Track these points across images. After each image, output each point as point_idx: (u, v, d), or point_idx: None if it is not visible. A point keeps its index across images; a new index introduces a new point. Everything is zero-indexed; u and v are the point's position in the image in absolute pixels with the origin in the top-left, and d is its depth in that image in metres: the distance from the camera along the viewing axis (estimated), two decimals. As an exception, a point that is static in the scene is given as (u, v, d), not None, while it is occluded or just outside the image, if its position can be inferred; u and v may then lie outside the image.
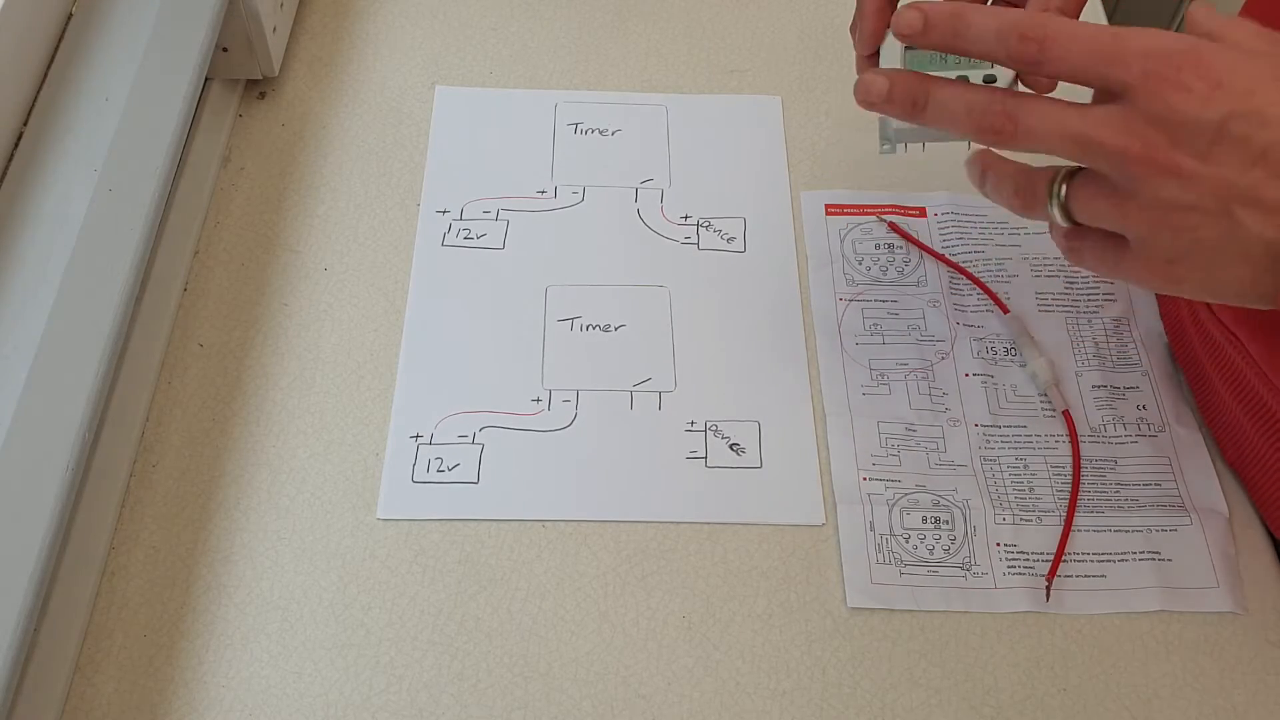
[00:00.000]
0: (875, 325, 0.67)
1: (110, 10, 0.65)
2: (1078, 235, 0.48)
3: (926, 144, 0.55)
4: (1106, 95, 0.43)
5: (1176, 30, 0.43)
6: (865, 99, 0.49)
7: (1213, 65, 0.40)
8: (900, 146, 0.55)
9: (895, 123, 0.53)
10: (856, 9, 0.53)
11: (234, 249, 0.69)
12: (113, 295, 0.55)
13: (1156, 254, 0.44)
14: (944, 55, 0.52)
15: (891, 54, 0.53)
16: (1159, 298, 0.68)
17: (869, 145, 0.76)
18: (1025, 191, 0.48)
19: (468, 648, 0.56)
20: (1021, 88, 0.50)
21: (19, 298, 0.53)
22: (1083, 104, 0.44)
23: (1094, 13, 0.83)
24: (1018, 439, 0.63)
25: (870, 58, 0.53)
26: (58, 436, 0.51)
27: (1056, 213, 0.47)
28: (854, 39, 0.54)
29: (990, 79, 0.51)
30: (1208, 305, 0.60)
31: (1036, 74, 0.45)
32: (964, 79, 0.48)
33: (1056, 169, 0.47)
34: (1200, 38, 0.42)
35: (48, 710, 0.52)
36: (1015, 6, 0.57)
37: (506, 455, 0.62)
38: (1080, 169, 0.46)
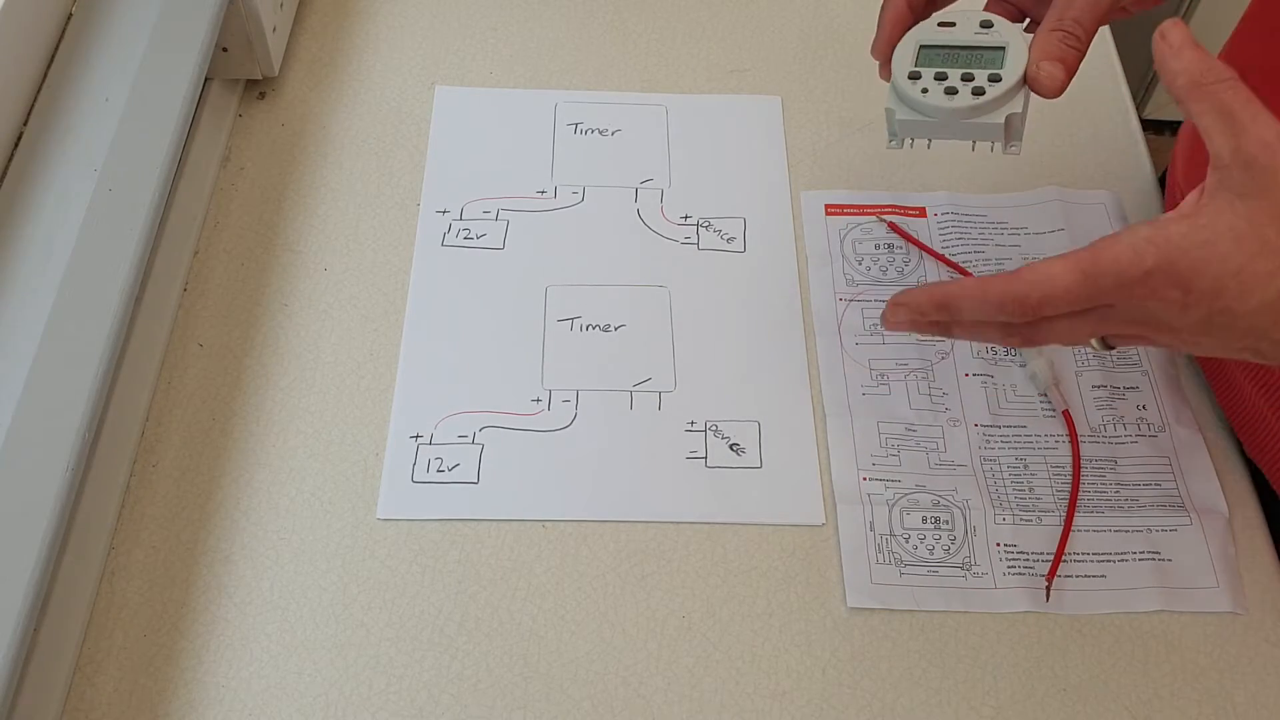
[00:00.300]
0: (875, 325, 0.67)
1: (110, 10, 0.65)
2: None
3: (932, 140, 0.56)
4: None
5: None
6: (890, 329, 0.54)
7: (1179, 277, 0.43)
8: (907, 141, 0.56)
9: (901, 116, 0.54)
10: (879, 19, 0.56)
11: (234, 249, 0.69)
12: (113, 295, 0.55)
13: (1201, 352, 0.49)
14: (955, 55, 0.53)
15: (905, 53, 0.54)
16: None
17: (869, 145, 0.76)
18: (1046, 333, 0.51)
19: (468, 648, 0.56)
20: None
21: (19, 298, 0.53)
22: (1084, 313, 0.47)
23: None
24: (1018, 439, 0.63)
25: (888, 59, 0.56)
26: (58, 436, 0.51)
27: (1098, 348, 0.50)
28: (872, 51, 0.57)
29: (996, 78, 0.52)
30: None
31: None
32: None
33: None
34: (1166, 224, 0.44)
35: (48, 710, 0.52)
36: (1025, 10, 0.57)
37: (506, 455, 0.62)
38: None
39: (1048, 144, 0.76)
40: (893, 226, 0.71)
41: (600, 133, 0.76)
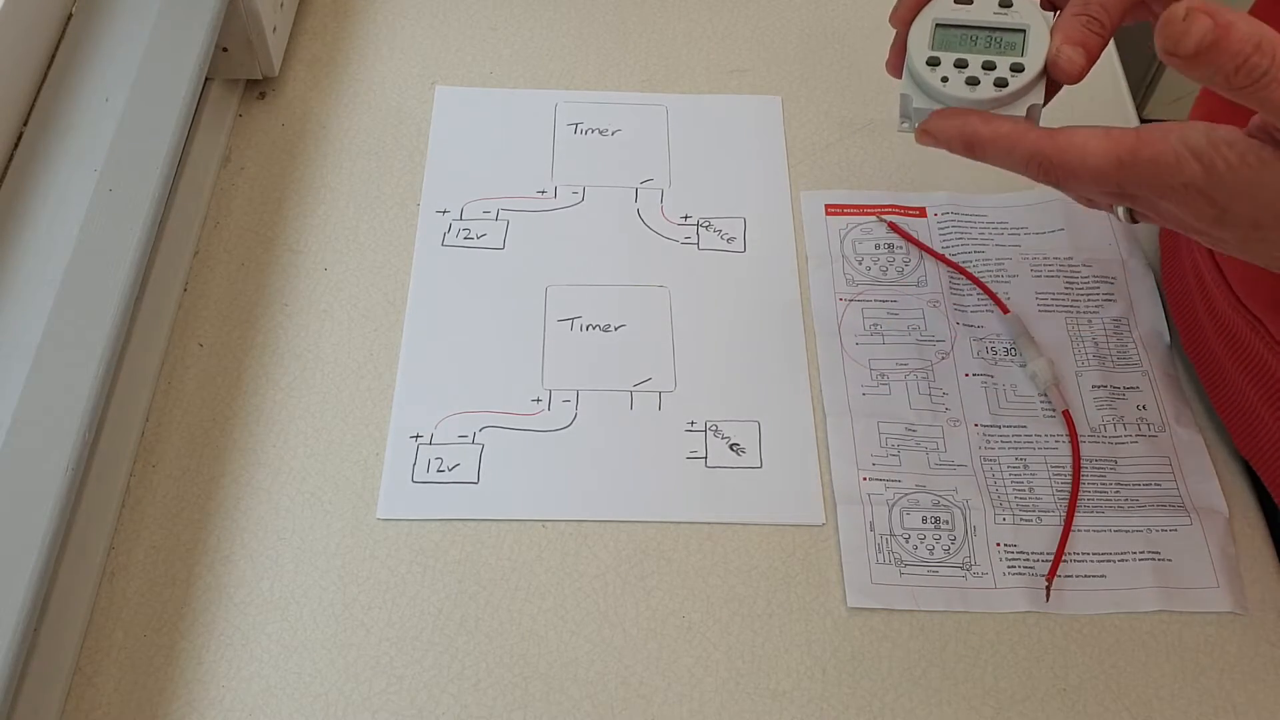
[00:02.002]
0: (875, 325, 0.67)
1: (110, 10, 0.65)
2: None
3: None
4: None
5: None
6: (922, 141, 0.52)
7: (1217, 200, 0.42)
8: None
9: (917, 101, 0.53)
10: None
11: (234, 249, 0.69)
12: (113, 295, 0.55)
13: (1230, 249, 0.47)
14: (973, 37, 0.52)
15: (921, 33, 0.52)
16: (1168, 287, 0.68)
17: (869, 145, 0.76)
18: (1073, 195, 0.50)
19: (468, 648, 0.56)
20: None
21: (19, 298, 0.53)
22: (1108, 190, 0.46)
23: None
24: (1018, 439, 0.63)
25: (903, 35, 0.53)
26: (58, 436, 0.51)
27: (1123, 217, 0.49)
28: (891, 18, 0.55)
29: (1018, 67, 0.51)
30: (1232, 295, 0.59)
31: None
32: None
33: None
34: (1216, 146, 0.42)
35: (48, 710, 0.52)
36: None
37: (506, 455, 0.62)
38: None
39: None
40: (893, 226, 0.71)
41: (600, 133, 0.76)
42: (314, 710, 0.54)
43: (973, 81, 0.51)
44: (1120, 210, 0.48)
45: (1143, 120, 0.80)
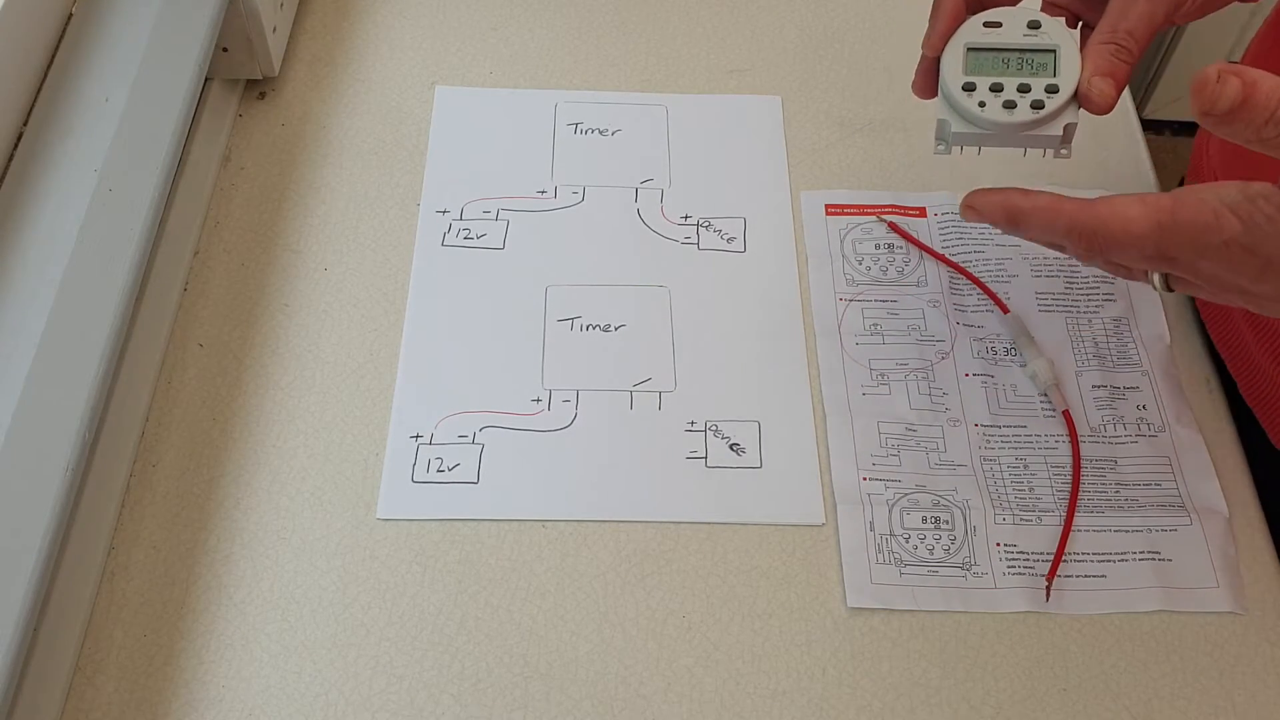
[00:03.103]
0: (875, 325, 0.67)
1: (110, 10, 0.65)
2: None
3: (982, 148, 0.55)
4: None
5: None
6: (969, 218, 0.53)
7: (1259, 252, 0.42)
8: (956, 149, 0.55)
9: (955, 126, 0.53)
10: (932, 13, 0.54)
11: (234, 249, 0.69)
12: (113, 295, 0.55)
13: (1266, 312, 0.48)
14: (1005, 60, 0.52)
15: (953, 58, 0.53)
16: None
17: (869, 145, 0.76)
18: (1111, 267, 0.51)
19: (468, 648, 0.56)
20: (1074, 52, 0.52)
21: (19, 298, 0.53)
22: (1149, 258, 0.46)
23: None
24: (1018, 439, 0.63)
25: (932, 60, 0.54)
26: (58, 436, 0.51)
27: (1159, 288, 0.49)
28: (924, 44, 0.55)
29: (1053, 88, 0.51)
30: None
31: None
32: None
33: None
34: (1255, 200, 0.43)
35: (48, 710, 0.52)
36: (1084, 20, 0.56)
37: (506, 455, 0.62)
38: None
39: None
40: (893, 226, 0.71)
41: (600, 133, 0.76)
42: (314, 710, 0.54)
43: (1010, 105, 0.51)
44: (1156, 278, 0.49)
45: (1143, 120, 0.80)
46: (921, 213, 0.72)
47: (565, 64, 0.80)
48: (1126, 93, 0.79)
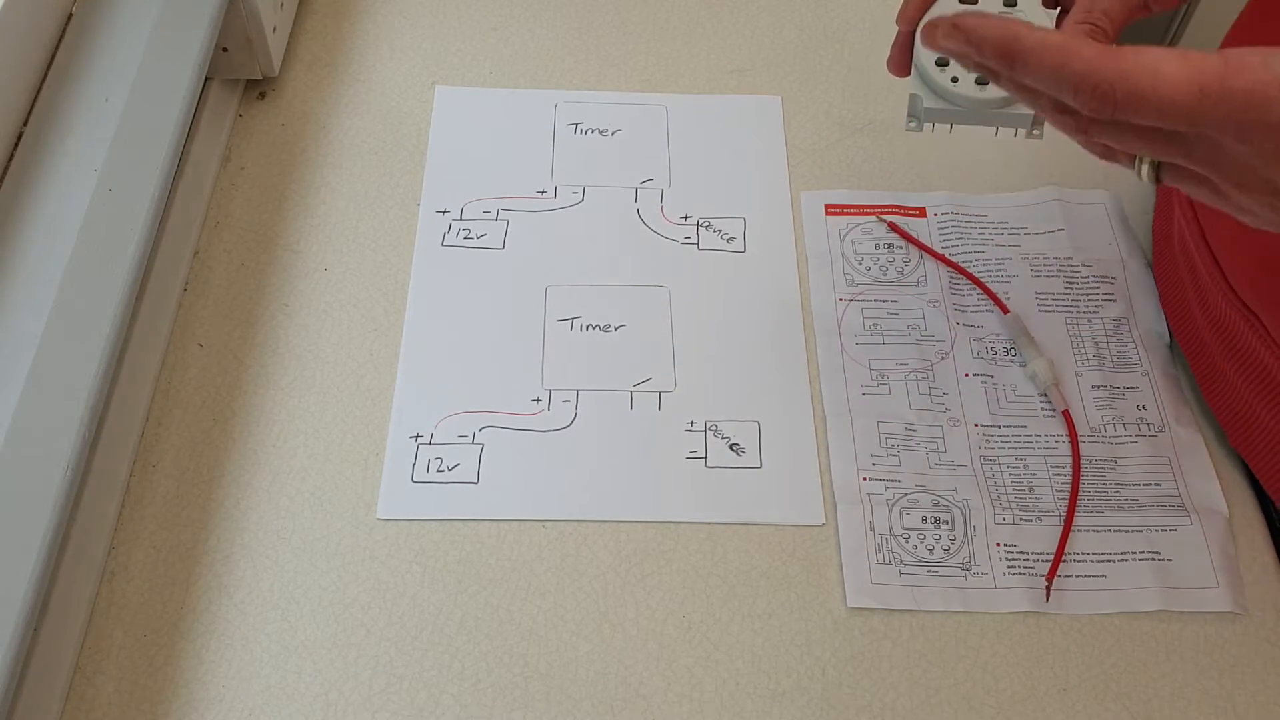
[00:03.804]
0: (875, 325, 0.67)
1: (110, 10, 0.65)
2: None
3: (955, 125, 0.54)
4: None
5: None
6: (928, 44, 0.43)
7: None
8: (928, 125, 0.54)
9: (927, 102, 0.53)
10: None
11: (234, 249, 0.69)
12: (113, 295, 0.55)
13: (1262, 220, 0.42)
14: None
15: None
16: (1160, 281, 0.68)
17: (869, 145, 0.76)
18: (1101, 149, 0.44)
19: (468, 648, 0.56)
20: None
21: (19, 298, 0.53)
22: (1168, 136, 0.39)
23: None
24: (1018, 439, 0.63)
25: (908, 34, 0.53)
26: (58, 436, 0.51)
27: (1147, 178, 0.43)
28: (899, 18, 0.53)
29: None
30: (1229, 290, 0.59)
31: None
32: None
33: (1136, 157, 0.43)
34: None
35: (48, 710, 0.52)
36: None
37: (506, 455, 0.62)
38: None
39: (1047, 144, 0.76)
40: (893, 226, 0.71)
41: (600, 133, 0.76)
42: (314, 710, 0.54)
43: (982, 81, 0.51)
44: (1144, 168, 0.42)
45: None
46: (921, 213, 0.72)
47: (565, 64, 0.80)
48: (1126, 93, 0.79)
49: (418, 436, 0.62)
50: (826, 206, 0.73)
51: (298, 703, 0.54)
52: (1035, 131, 0.54)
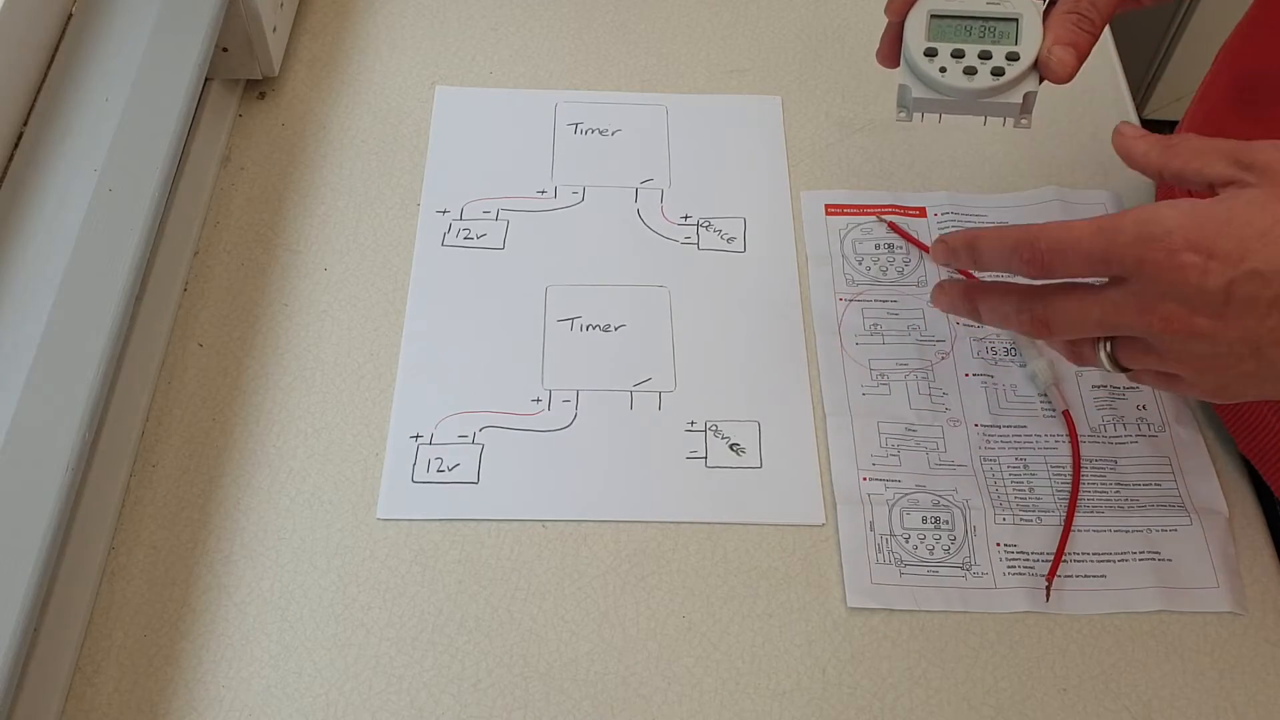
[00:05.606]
0: (875, 325, 0.67)
1: (110, 10, 0.65)
2: (1134, 374, 0.50)
3: (943, 115, 0.55)
4: (1115, 278, 0.46)
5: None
6: (937, 306, 0.55)
7: (1201, 238, 0.42)
8: (917, 115, 0.55)
9: (915, 92, 0.54)
10: None
11: (234, 249, 0.69)
12: (113, 295, 0.55)
13: (1207, 387, 0.47)
14: (967, 27, 0.53)
15: (916, 24, 0.54)
16: None
17: (869, 145, 0.76)
18: (1070, 350, 0.51)
19: (468, 648, 0.56)
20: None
21: (19, 298, 0.53)
22: (1099, 289, 0.46)
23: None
24: (1018, 439, 0.63)
25: (896, 26, 0.55)
26: (58, 436, 0.51)
27: (1108, 366, 0.49)
28: (887, 10, 0.55)
29: (1014, 56, 0.52)
30: None
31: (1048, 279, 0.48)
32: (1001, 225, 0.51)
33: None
34: (1181, 201, 0.44)
35: (48, 710, 0.52)
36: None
37: (506, 455, 0.62)
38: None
39: (1047, 144, 0.76)
40: (893, 226, 0.71)
41: (600, 133, 0.76)
42: (314, 710, 0.54)
43: (970, 71, 0.52)
44: (1103, 354, 0.48)
45: (1143, 120, 0.80)
46: (921, 213, 0.72)
47: (565, 64, 0.80)
48: (1127, 93, 0.79)
49: (418, 436, 0.62)
50: (826, 206, 0.73)
51: (298, 703, 0.54)
52: (1023, 121, 0.55)
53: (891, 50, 0.55)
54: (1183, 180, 0.47)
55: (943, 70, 0.53)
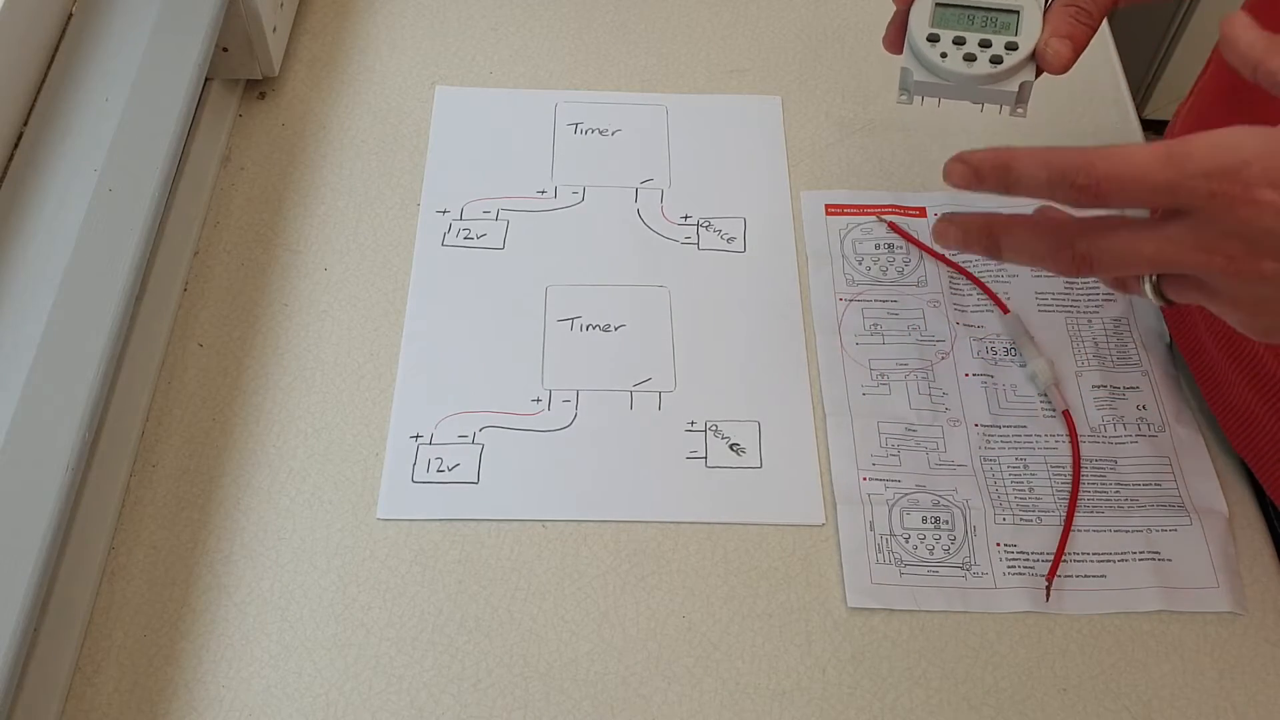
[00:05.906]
0: (875, 325, 0.67)
1: (110, 10, 0.65)
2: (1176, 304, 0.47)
3: (942, 100, 0.56)
4: (1172, 210, 0.42)
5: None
6: (942, 244, 0.50)
7: (1277, 173, 0.38)
8: (918, 99, 0.56)
9: (917, 75, 0.55)
10: None
11: (234, 249, 0.69)
12: (113, 295, 0.55)
13: (1258, 327, 0.44)
14: (970, 16, 0.54)
15: (922, 11, 0.55)
16: None
17: (869, 145, 0.76)
18: (1113, 280, 0.47)
19: (468, 648, 0.56)
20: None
21: (19, 298, 0.53)
22: (1150, 223, 0.42)
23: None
24: (1018, 439, 0.63)
25: (903, 12, 0.55)
26: (58, 436, 0.51)
27: (1151, 298, 0.46)
28: None
29: (1013, 45, 0.53)
30: None
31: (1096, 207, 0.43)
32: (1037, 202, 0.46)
33: None
34: (1263, 128, 0.40)
35: (48, 710, 0.52)
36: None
37: (506, 455, 0.62)
38: None
39: (1048, 143, 0.76)
40: (893, 226, 0.71)
41: (600, 133, 0.76)
42: (314, 710, 0.54)
43: (970, 58, 0.54)
44: (1148, 286, 0.45)
45: (1143, 120, 0.80)
46: (921, 213, 0.72)
47: (565, 64, 0.80)
48: (1126, 93, 0.79)
49: (418, 436, 0.62)
50: (826, 206, 0.73)
51: (298, 703, 0.54)
52: (1019, 110, 0.56)
53: (897, 37, 0.56)
54: (1276, 86, 0.42)
55: (944, 55, 0.54)
